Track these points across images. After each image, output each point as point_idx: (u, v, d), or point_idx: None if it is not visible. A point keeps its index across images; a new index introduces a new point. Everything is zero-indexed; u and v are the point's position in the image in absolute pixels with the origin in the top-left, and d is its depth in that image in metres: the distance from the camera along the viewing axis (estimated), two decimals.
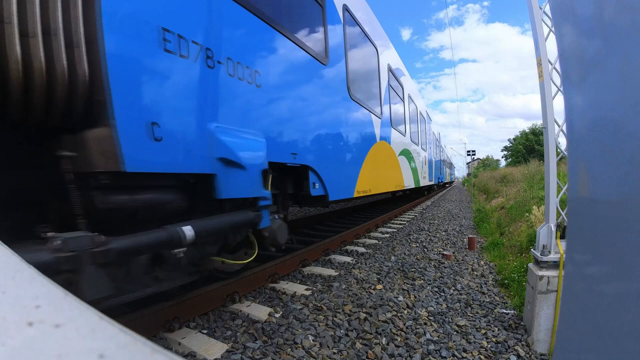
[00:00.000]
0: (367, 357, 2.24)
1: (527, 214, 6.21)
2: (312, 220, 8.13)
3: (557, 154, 3.14)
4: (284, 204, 3.60)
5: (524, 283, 3.66)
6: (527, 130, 41.46)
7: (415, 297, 3.44)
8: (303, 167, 3.56)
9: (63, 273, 1.43)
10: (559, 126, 3.11)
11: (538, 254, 3.08)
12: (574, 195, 0.96)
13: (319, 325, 2.47)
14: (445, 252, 5.35)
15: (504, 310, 3.50)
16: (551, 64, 3.11)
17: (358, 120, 5.05)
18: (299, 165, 3.46)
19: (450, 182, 38.91)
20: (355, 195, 4.93)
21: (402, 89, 8.63)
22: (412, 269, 4.18)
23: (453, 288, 3.99)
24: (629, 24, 0.65)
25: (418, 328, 2.77)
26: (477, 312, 3.42)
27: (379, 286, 3.36)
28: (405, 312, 2.97)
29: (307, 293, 3.21)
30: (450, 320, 3.13)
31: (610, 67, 0.72)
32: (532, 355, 2.77)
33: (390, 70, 7.12)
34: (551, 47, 3.07)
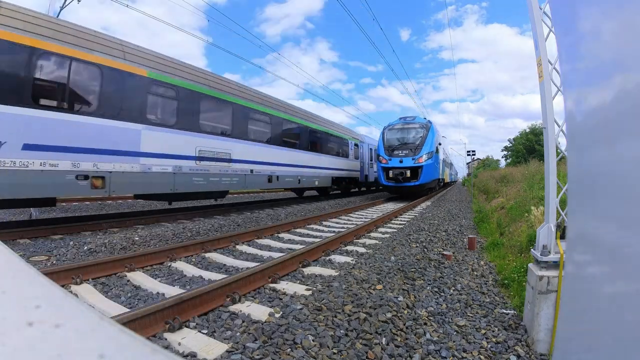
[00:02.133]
0: (367, 357, 2.24)
1: (527, 214, 6.20)
2: (312, 220, 8.14)
3: (557, 154, 3.14)
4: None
5: (524, 283, 3.66)
6: (527, 130, 41.39)
7: (415, 297, 3.44)
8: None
9: None
10: (559, 126, 3.11)
11: (538, 254, 3.08)
12: (574, 195, 0.96)
13: (319, 325, 2.47)
14: (445, 252, 5.35)
15: (504, 311, 3.50)
16: (551, 64, 3.11)
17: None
18: None
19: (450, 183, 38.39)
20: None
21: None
22: (412, 269, 4.18)
23: (453, 288, 3.99)
24: (629, 25, 0.65)
25: (418, 328, 2.77)
26: (477, 312, 3.42)
27: (379, 286, 3.36)
28: (405, 312, 2.97)
29: (307, 293, 3.20)
30: (450, 320, 3.13)
31: (610, 67, 0.72)
32: (532, 356, 2.76)
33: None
34: (551, 47, 3.07)
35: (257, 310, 2.85)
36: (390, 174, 13.83)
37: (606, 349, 0.73)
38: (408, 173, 13.58)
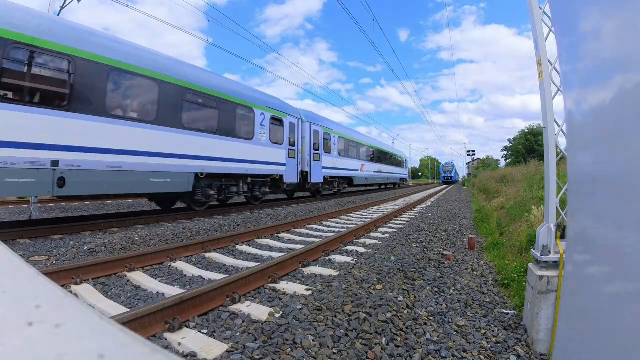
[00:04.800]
0: (367, 357, 2.24)
1: (527, 214, 6.21)
2: (312, 220, 8.14)
3: (557, 154, 3.14)
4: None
5: (524, 283, 3.66)
6: (526, 131, 41.38)
7: (415, 297, 3.44)
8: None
9: None
10: (559, 126, 3.11)
11: (538, 254, 3.08)
12: (574, 195, 0.96)
13: (319, 325, 2.47)
14: (445, 252, 5.35)
15: (504, 311, 3.50)
16: (551, 64, 3.11)
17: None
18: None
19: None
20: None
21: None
22: (412, 269, 4.18)
23: (453, 288, 3.99)
24: (629, 25, 0.65)
25: (418, 328, 2.77)
26: (477, 312, 3.42)
27: (379, 286, 3.36)
28: (405, 312, 2.97)
29: (307, 293, 3.20)
30: (450, 320, 3.13)
31: (611, 67, 0.72)
32: (532, 356, 2.76)
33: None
34: (551, 47, 3.07)
35: (257, 310, 2.85)
36: (444, 179, 61.63)
37: (606, 349, 0.73)
38: (449, 179, 60.10)
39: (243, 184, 9.83)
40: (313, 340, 2.26)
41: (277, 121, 11.11)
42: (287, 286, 3.49)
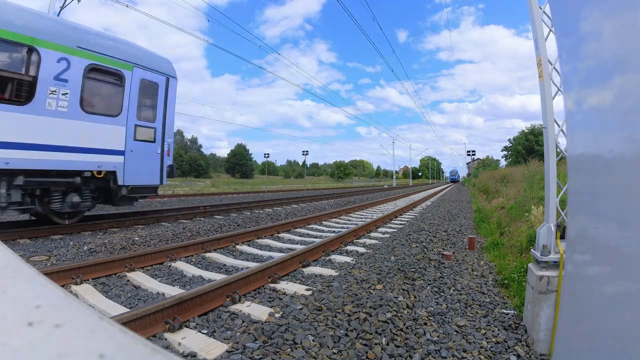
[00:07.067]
0: (367, 357, 2.24)
1: (527, 214, 6.20)
2: (312, 220, 8.14)
3: (557, 154, 3.14)
4: None
5: (524, 283, 3.66)
6: (526, 131, 41.35)
7: (415, 297, 3.44)
8: None
9: None
10: (559, 126, 3.11)
11: (538, 254, 3.08)
12: (574, 195, 0.96)
13: (319, 325, 2.47)
14: (445, 252, 5.35)
15: (504, 311, 3.49)
16: (551, 64, 3.11)
17: None
18: None
19: None
20: None
21: None
22: (412, 269, 4.17)
23: (453, 288, 3.99)
24: (629, 25, 0.65)
25: (418, 328, 2.77)
26: (477, 312, 3.42)
27: (379, 286, 3.35)
28: (405, 312, 2.97)
29: (307, 293, 3.20)
30: (450, 320, 3.13)
31: (610, 67, 0.72)
32: (532, 356, 2.76)
33: None
34: (551, 46, 3.07)
35: (257, 310, 2.85)
36: (450, 180, 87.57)
37: (606, 348, 0.73)
38: (454, 179, 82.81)
39: None
40: (313, 340, 2.26)
41: None
42: (287, 286, 3.49)
